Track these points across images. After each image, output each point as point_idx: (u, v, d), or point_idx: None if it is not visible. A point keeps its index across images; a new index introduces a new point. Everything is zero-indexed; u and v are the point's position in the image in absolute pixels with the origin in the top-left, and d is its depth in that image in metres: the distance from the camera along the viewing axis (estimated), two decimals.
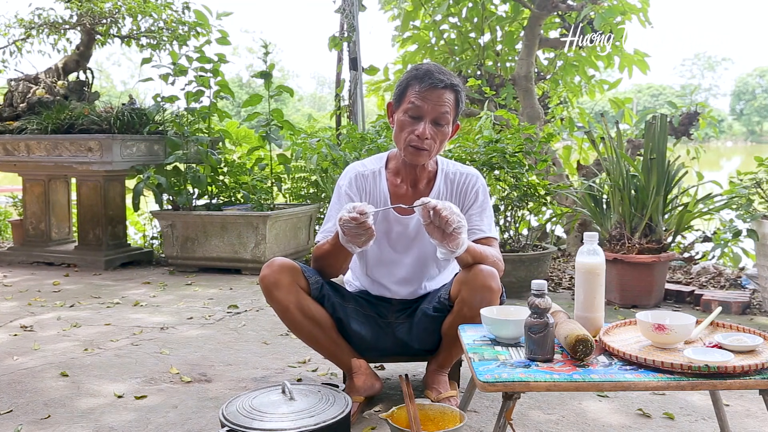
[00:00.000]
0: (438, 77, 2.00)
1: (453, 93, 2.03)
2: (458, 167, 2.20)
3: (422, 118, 2.01)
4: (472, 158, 4.03)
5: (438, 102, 2.00)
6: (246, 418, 1.60)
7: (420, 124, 2.01)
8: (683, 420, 2.11)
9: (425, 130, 2.00)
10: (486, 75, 6.40)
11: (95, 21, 5.24)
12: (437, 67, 2.05)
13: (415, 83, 2.01)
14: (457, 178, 2.16)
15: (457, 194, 2.15)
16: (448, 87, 2.01)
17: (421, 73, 2.02)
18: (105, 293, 4.10)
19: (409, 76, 2.05)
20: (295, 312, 2.06)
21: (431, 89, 1.99)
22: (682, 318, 1.62)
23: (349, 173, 2.20)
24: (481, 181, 2.17)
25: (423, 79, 2.00)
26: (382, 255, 2.18)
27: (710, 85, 62.30)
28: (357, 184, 2.17)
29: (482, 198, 2.15)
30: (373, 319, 2.18)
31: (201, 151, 4.92)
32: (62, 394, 2.36)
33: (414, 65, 2.12)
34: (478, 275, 1.94)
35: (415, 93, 2.01)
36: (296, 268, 2.06)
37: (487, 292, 1.92)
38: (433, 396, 2.14)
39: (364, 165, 2.22)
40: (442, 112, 2.01)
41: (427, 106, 2.00)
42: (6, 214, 7.17)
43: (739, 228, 3.52)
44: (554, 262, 4.90)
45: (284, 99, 12.96)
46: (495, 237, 2.13)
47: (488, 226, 2.13)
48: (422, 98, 2.00)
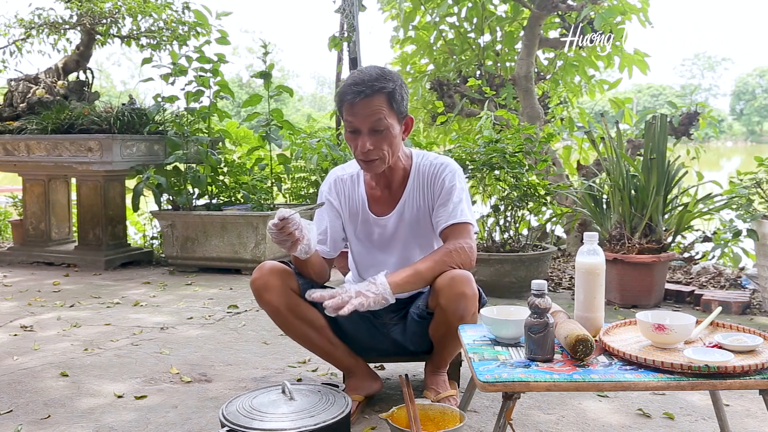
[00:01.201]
0: (357, 89, 1.93)
1: (381, 95, 1.94)
2: (430, 158, 2.15)
3: (359, 131, 1.97)
4: (472, 158, 4.03)
5: (366, 112, 1.94)
6: (246, 418, 1.60)
7: (359, 139, 1.97)
8: (683, 420, 2.11)
9: (365, 143, 1.96)
10: (486, 75, 6.40)
11: (95, 21, 5.24)
12: (360, 75, 1.97)
13: (343, 100, 1.98)
14: (426, 170, 2.12)
15: (427, 186, 2.11)
16: (371, 93, 1.93)
17: (344, 89, 1.97)
18: (105, 293, 4.10)
19: (338, 93, 2.01)
20: (287, 313, 2.06)
21: (355, 102, 1.94)
22: (682, 318, 1.62)
23: (329, 178, 2.23)
24: (450, 168, 2.10)
25: (345, 95, 1.96)
26: (369, 256, 2.20)
27: (710, 85, 62.35)
28: (336, 188, 2.20)
29: (449, 184, 2.07)
30: (368, 319, 2.18)
31: (201, 151, 4.93)
32: (62, 394, 2.36)
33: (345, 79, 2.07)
34: (450, 284, 1.92)
35: (346, 110, 1.97)
36: (287, 271, 2.07)
37: (462, 300, 1.91)
38: (433, 396, 2.14)
39: (343, 169, 2.24)
40: (375, 120, 1.94)
41: (358, 120, 1.95)
42: (6, 214, 7.17)
43: (739, 228, 3.52)
44: (554, 262, 4.90)
45: (284, 99, 12.97)
46: (465, 221, 2.04)
47: (453, 213, 2.04)
48: (352, 113, 1.96)
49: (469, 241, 2.02)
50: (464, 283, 1.93)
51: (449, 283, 1.92)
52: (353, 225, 2.19)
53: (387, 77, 1.97)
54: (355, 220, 2.18)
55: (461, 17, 6.67)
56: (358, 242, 2.20)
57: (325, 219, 2.19)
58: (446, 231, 2.04)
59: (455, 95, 6.27)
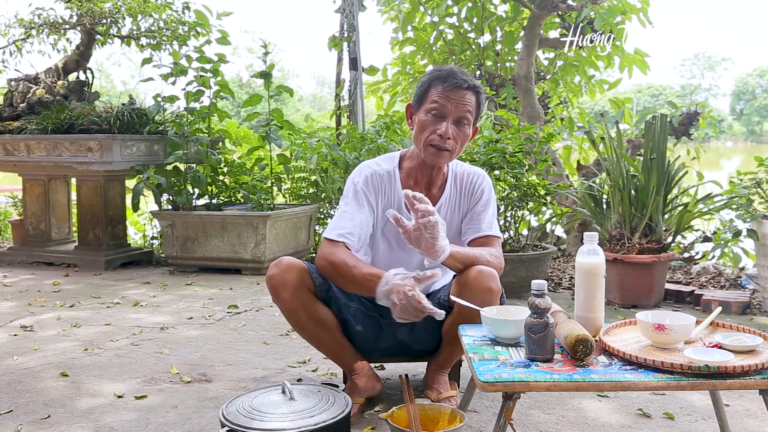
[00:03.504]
0: (461, 77, 2.00)
1: (475, 95, 2.03)
2: (465, 167, 2.20)
3: (445, 117, 2.00)
4: (472, 158, 4.03)
5: (461, 102, 1.99)
6: (246, 418, 1.60)
7: (442, 124, 1.99)
8: (683, 420, 2.11)
9: (447, 130, 1.99)
10: (486, 75, 6.40)
11: (95, 21, 5.24)
12: (459, 68, 2.05)
13: (438, 83, 2.01)
14: (464, 178, 2.17)
15: (465, 194, 2.15)
16: (470, 88, 2.01)
17: (444, 74, 2.02)
18: (105, 293, 4.10)
19: (431, 77, 2.05)
20: (302, 313, 2.05)
21: (455, 89, 1.99)
22: (682, 318, 1.62)
23: (364, 171, 2.13)
24: (487, 181, 2.18)
25: (446, 79, 2.00)
26: (392, 254, 2.16)
27: (710, 85, 62.36)
28: (373, 182, 2.11)
29: (486, 197, 2.14)
30: (375, 319, 2.18)
31: (201, 151, 4.92)
32: (62, 394, 2.36)
33: (436, 67, 2.12)
34: (478, 277, 1.93)
35: (438, 93, 2.00)
36: (303, 268, 2.04)
37: (487, 294, 1.91)
38: (433, 396, 2.14)
39: (378, 164, 2.17)
40: (465, 112, 2.00)
41: (450, 105, 1.99)
42: (6, 214, 7.17)
43: (739, 228, 3.52)
44: (554, 262, 4.90)
45: (284, 99, 12.96)
46: (496, 235, 2.12)
47: (488, 225, 2.12)
48: (445, 98, 1.99)
49: (501, 256, 2.09)
50: (491, 278, 1.94)
51: (476, 277, 1.93)
52: (383, 222, 2.13)
53: (480, 85, 2.07)
54: (385, 218, 2.12)
55: (461, 17, 6.67)
56: (383, 240, 2.15)
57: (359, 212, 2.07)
58: (480, 240, 2.08)
59: None
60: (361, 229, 2.04)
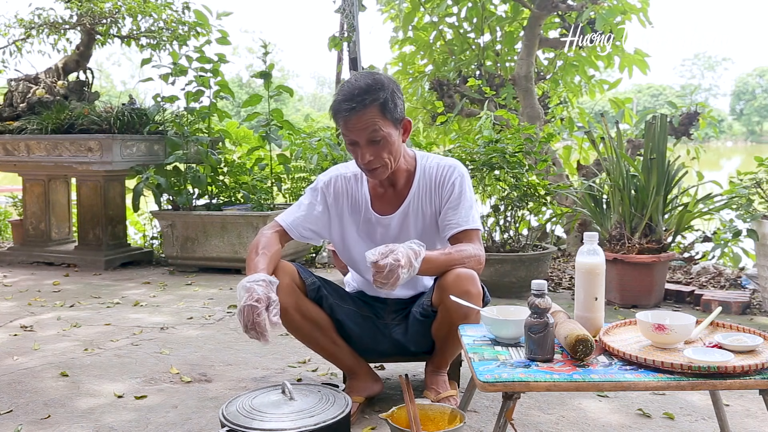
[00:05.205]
0: (348, 105, 1.92)
1: (373, 107, 1.92)
2: (437, 160, 2.16)
3: (357, 144, 1.98)
4: (472, 158, 4.03)
5: (360, 126, 1.94)
6: (246, 418, 1.60)
7: (359, 150, 1.98)
8: (683, 420, 2.11)
9: (364, 155, 1.97)
10: (486, 75, 6.40)
11: (95, 21, 5.24)
12: (349, 88, 1.95)
13: (337, 116, 1.98)
14: (434, 171, 2.12)
15: (435, 188, 2.11)
16: (362, 107, 1.92)
17: (335, 105, 1.97)
18: (105, 293, 4.10)
19: (331, 109, 2.01)
20: (294, 314, 2.06)
21: (348, 118, 1.94)
22: (682, 318, 1.62)
23: (330, 173, 2.19)
24: (458, 172, 2.11)
25: (338, 113, 1.96)
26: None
27: (710, 85, 62.35)
28: (336, 185, 2.15)
29: (459, 189, 2.08)
30: (370, 320, 2.18)
31: (201, 151, 4.93)
32: (62, 394, 2.36)
33: (337, 89, 2.05)
34: (456, 281, 1.92)
35: (341, 125, 1.98)
36: (293, 269, 2.06)
37: (466, 298, 1.90)
38: (433, 396, 2.14)
39: (346, 167, 2.20)
40: (370, 132, 1.94)
41: (354, 134, 1.96)
42: (6, 214, 7.17)
43: (739, 228, 3.52)
44: (554, 262, 4.90)
45: (284, 99, 12.97)
46: (474, 228, 2.06)
47: (464, 219, 2.06)
48: (347, 128, 1.96)
49: (481, 249, 2.04)
50: (469, 281, 1.93)
51: (454, 281, 1.92)
52: (355, 224, 2.16)
53: (377, 87, 1.94)
54: (357, 219, 2.16)
55: (461, 17, 6.67)
56: (360, 241, 2.17)
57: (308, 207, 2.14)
58: (457, 236, 2.05)
59: (455, 95, 6.27)
60: (303, 222, 2.13)
